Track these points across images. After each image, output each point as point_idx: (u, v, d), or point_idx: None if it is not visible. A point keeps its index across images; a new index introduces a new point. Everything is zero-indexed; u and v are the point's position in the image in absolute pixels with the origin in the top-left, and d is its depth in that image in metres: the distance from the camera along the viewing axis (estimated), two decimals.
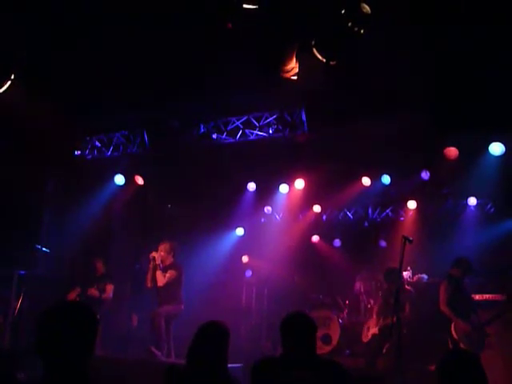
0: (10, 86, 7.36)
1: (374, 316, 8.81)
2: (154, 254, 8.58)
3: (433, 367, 6.67)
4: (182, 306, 8.59)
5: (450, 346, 7.60)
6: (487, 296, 8.65)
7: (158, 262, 8.52)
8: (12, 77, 7.37)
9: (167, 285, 8.45)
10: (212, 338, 4.07)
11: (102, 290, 9.30)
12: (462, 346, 7.49)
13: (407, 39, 6.23)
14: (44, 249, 10.03)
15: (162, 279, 8.45)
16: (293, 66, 6.25)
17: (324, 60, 5.60)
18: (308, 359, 3.97)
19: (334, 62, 5.62)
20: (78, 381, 2.59)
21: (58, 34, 7.08)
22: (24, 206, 10.27)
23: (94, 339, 2.72)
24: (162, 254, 8.62)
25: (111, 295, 9.41)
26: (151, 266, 8.57)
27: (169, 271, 8.52)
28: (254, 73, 7.42)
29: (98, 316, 9.28)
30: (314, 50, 5.62)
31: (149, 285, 8.58)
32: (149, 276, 8.58)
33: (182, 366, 4.19)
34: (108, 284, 9.40)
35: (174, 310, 8.51)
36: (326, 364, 4.05)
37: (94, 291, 9.26)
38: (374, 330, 8.71)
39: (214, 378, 4.00)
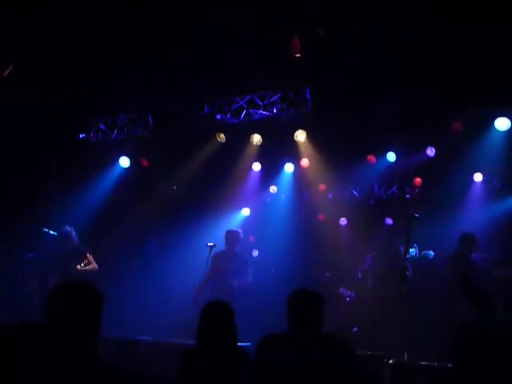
0: (12, 69, 7.36)
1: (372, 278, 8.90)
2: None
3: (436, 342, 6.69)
4: None
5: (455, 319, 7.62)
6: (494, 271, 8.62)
7: None
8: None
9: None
10: (217, 317, 4.09)
11: (88, 263, 8.85)
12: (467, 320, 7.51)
13: (407, 15, 6.17)
14: (51, 232, 10.08)
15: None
16: (296, 44, 6.21)
17: (325, 35, 5.57)
18: (313, 337, 3.95)
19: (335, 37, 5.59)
20: (88, 359, 2.60)
21: (63, 13, 7.06)
22: (31, 191, 10.33)
23: (100, 317, 2.73)
24: None
25: (96, 265, 9.00)
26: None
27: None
28: (257, 52, 7.38)
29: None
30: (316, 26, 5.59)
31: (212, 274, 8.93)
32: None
33: (194, 348, 4.22)
34: (87, 255, 8.94)
35: None
36: (332, 342, 4.01)
37: (79, 267, 8.79)
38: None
39: (224, 355, 4.03)
